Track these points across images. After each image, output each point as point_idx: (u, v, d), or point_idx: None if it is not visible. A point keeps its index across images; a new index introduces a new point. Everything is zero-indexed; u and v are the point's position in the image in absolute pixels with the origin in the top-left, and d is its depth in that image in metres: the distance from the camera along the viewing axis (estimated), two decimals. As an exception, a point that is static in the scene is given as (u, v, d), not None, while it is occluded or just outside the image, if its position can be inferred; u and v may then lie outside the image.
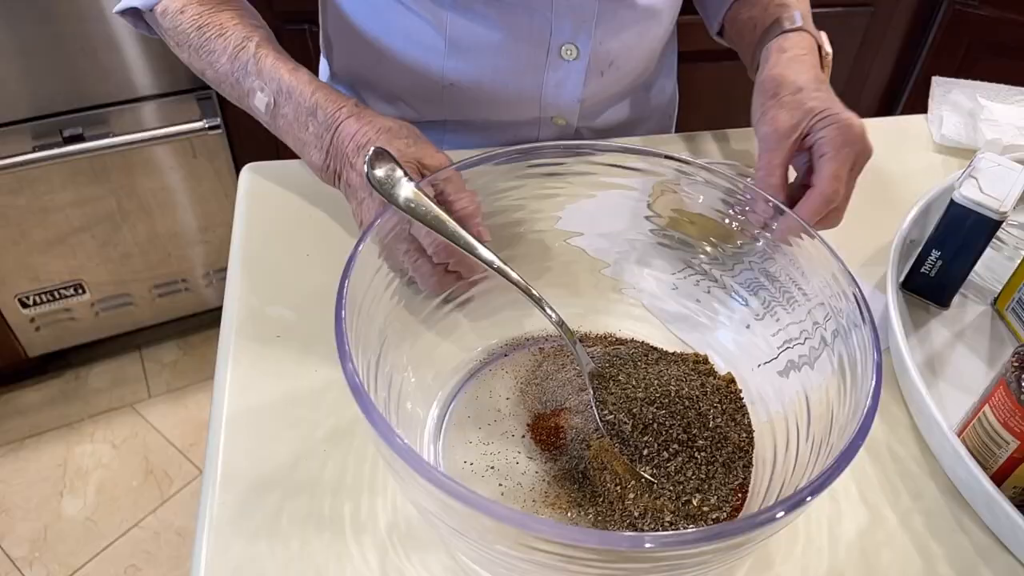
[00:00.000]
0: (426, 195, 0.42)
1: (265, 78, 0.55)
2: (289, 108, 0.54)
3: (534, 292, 0.44)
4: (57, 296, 1.43)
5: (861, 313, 0.38)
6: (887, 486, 0.46)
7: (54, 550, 1.30)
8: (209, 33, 0.57)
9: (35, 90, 1.19)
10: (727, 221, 0.47)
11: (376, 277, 0.41)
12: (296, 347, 0.50)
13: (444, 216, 0.42)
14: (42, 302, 1.43)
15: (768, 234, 0.46)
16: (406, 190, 0.42)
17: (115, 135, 1.26)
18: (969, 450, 0.44)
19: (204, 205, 1.44)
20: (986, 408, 0.44)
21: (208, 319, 1.69)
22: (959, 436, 0.46)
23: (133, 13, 0.62)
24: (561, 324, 0.45)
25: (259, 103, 0.56)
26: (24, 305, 1.41)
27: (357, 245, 0.38)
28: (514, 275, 0.44)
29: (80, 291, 1.45)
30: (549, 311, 0.45)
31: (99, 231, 1.38)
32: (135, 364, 1.61)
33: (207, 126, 1.30)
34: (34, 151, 1.22)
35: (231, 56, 0.56)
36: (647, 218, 0.50)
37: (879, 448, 0.48)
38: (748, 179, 0.48)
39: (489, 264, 0.43)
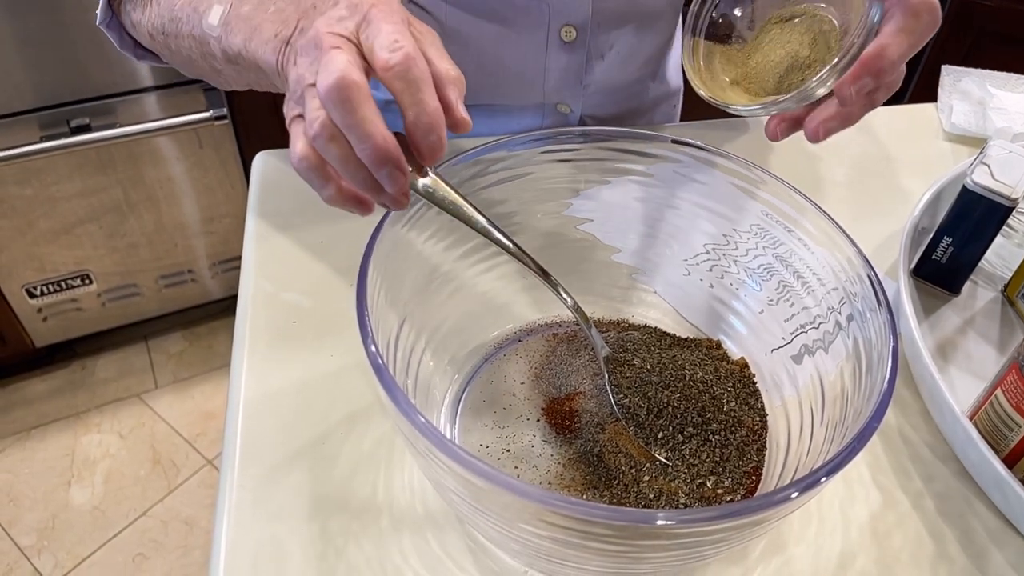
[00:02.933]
0: (444, 182, 0.43)
1: None
2: (250, 5, 0.44)
3: (550, 276, 0.44)
4: (64, 286, 1.44)
5: (877, 297, 0.38)
6: (899, 469, 0.47)
7: (62, 539, 1.31)
8: None
9: (42, 80, 1.19)
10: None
11: (395, 262, 0.41)
12: (311, 333, 0.51)
13: (461, 200, 0.42)
14: (49, 292, 1.43)
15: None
16: (425, 176, 0.42)
17: (122, 125, 1.26)
18: (981, 433, 0.45)
19: (210, 196, 1.44)
20: (998, 392, 0.45)
21: (214, 310, 1.69)
22: (970, 420, 0.46)
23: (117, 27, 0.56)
24: (576, 308, 0.45)
25: (213, 16, 0.45)
26: (31, 295, 1.42)
27: (376, 231, 0.39)
28: (530, 259, 0.44)
29: (87, 281, 1.45)
30: (564, 295, 0.45)
31: (106, 221, 1.39)
32: (141, 354, 1.62)
33: (213, 116, 1.30)
34: (41, 141, 1.22)
35: None
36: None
37: (891, 432, 0.49)
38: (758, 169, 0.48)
39: (505, 248, 0.43)
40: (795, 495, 0.31)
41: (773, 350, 0.47)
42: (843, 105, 0.43)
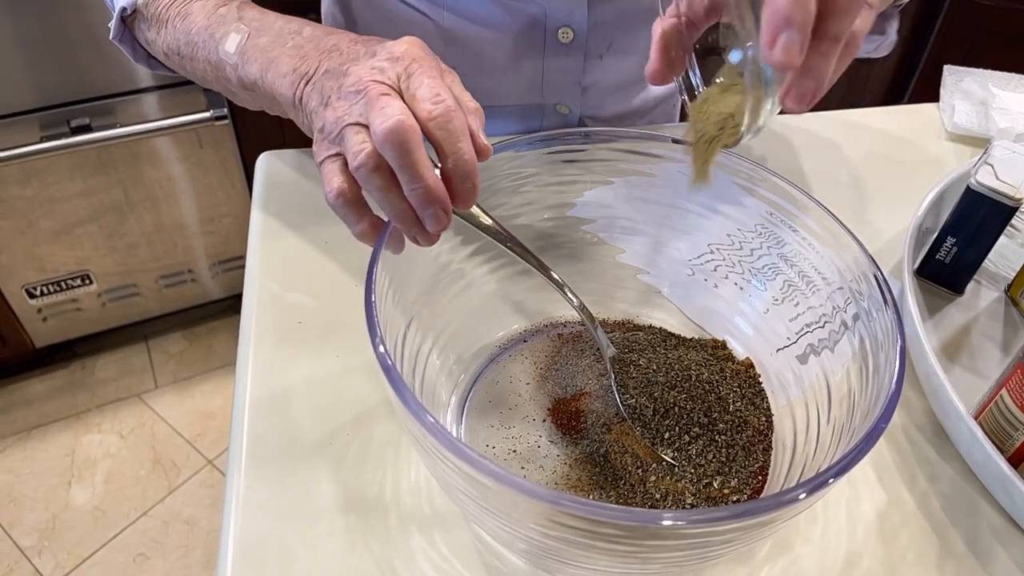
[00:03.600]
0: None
1: (247, 21, 0.48)
2: (268, 37, 0.46)
3: (556, 276, 0.44)
4: (64, 287, 1.43)
5: (883, 296, 0.38)
6: (904, 469, 0.47)
7: (62, 539, 1.31)
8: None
9: (42, 81, 1.19)
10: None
11: (402, 262, 0.41)
12: (317, 333, 0.51)
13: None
14: (49, 292, 1.43)
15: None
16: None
17: (122, 125, 1.26)
18: (986, 433, 0.45)
19: (210, 196, 1.44)
20: (1003, 392, 0.45)
21: (214, 309, 1.69)
22: (975, 420, 0.46)
23: (130, 40, 0.57)
24: (582, 309, 0.45)
25: (230, 44, 0.47)
26: (31, 296, 1.41)
27: (384, 231, 0.39)
28: (535, 259, 0.44)
29: (87, 282, 1.45)
30: (570, 296, 0.45)
31: (106, 222, 1.39)
32: (141, 354, 1.62)
33: (213, 116, 1.30)
34: (41, 141, 1.22)
35: (208, 12, 0.50)
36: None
37: (896, 432, 0.49)
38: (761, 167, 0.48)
39: (511, 249, 0.43)
40: (803, 496, 0.31)
41: (778, 350, 0.47)
42: (803, 75, 0.35)
